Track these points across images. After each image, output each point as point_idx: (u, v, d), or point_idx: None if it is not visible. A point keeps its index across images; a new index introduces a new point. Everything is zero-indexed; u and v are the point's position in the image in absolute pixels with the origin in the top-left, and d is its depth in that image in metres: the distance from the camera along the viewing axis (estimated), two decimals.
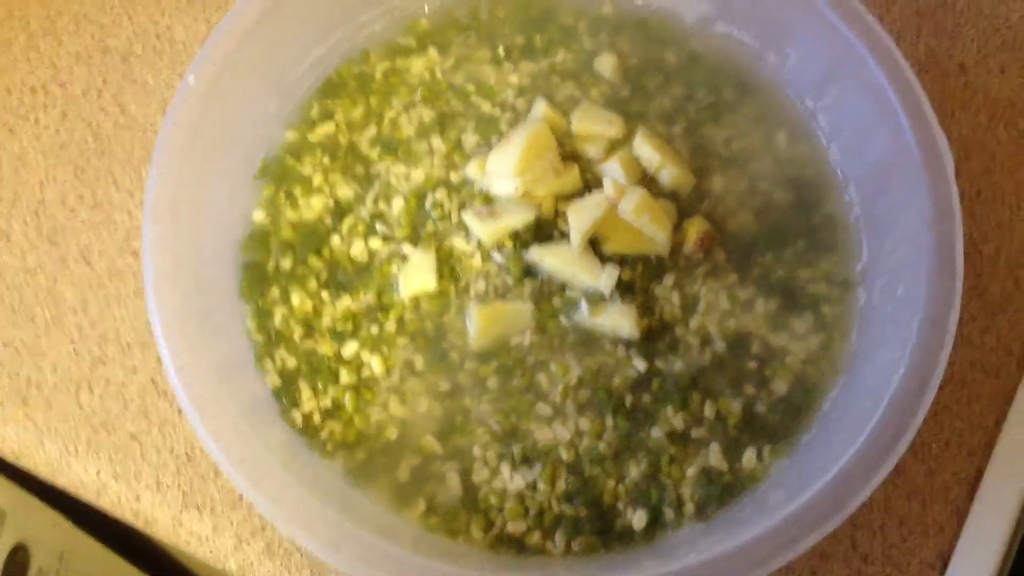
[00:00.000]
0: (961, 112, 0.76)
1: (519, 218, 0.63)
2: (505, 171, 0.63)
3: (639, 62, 0.70)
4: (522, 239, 0.63)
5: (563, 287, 0.63)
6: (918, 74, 0.70)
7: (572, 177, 0.64)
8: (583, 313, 0.62)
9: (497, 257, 0.64)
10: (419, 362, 0.62)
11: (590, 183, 0.65)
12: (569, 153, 0.66)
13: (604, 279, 0.62)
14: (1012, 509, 0.65)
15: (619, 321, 0.61)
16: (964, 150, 0.75)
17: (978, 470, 0.66)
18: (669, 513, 0.58)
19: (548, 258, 0.63)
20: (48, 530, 0.88)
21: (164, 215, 0.58)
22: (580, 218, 0.62)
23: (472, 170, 0.66)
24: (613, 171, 0.65)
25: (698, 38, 0.71)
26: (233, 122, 0.64)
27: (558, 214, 0.64)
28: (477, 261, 0.63)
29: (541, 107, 0.67)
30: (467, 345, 0.62)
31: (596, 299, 0.62)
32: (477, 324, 0.61)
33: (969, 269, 0.70)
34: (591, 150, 0.66)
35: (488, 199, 0.64)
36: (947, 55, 0.78)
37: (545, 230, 0.64)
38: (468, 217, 0.64)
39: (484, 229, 0.63)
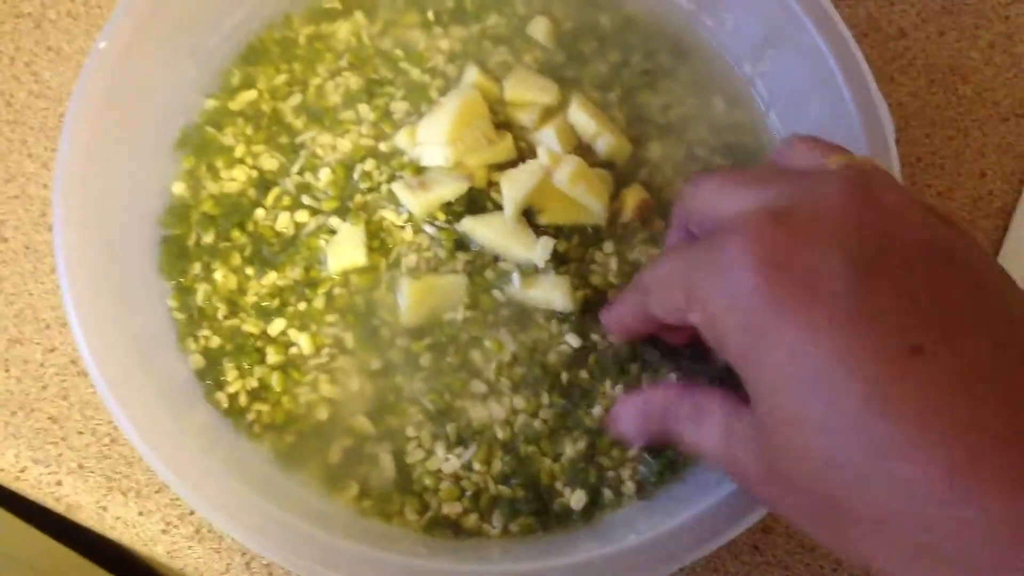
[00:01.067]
0: (901, 77, 0.76)
1: (450, 189, 0.61)
2: (436, 140, 0.61)
3: (574, 26, 0.68)
4: (454, 211, 0.61)
5: (497, 259, 0.61)
6: (858, 39, 0.69)
7: (505, 146, 0.62)
8: (516, 286, 0.60)
9: (429, 230, 0.61)
10: (349, 340, 0.60)
11: (524, 152, 0.63)
12: (502, 121, 0.64)
13: (538, 251, 0.60)
14: None
15: (553, 294, 0.60)
16: (904, 117, 0.74)
17: None
18: (608, 493, 0.57)
19: (481, 229, 0.61)
20: None
21: (76, 188, 0.55)
22: (513, 188, 0.60)
23: (402, 139, 0.63)
24: (548, 139, 0.63)
25: (633, 1, 0.69)
26: (149, 89, 0.61)
27: (491, 184, 0.62)
28: (408, 234, 0.61)
29: (473, 74, 0.65)
30: (398, 321, 0.60)
31: (530, 271, 0.61)
32: (408, 299, 0.59)
33: None
34: (525, 118, 0.64)
35: (419, 169, 0.62)
36: (887, 19, 0.77)
37: (478, 201, 0.61)
38: (398, 188, 0.61)
39: (414, 201, 0.60)
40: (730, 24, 0.66)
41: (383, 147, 0.64)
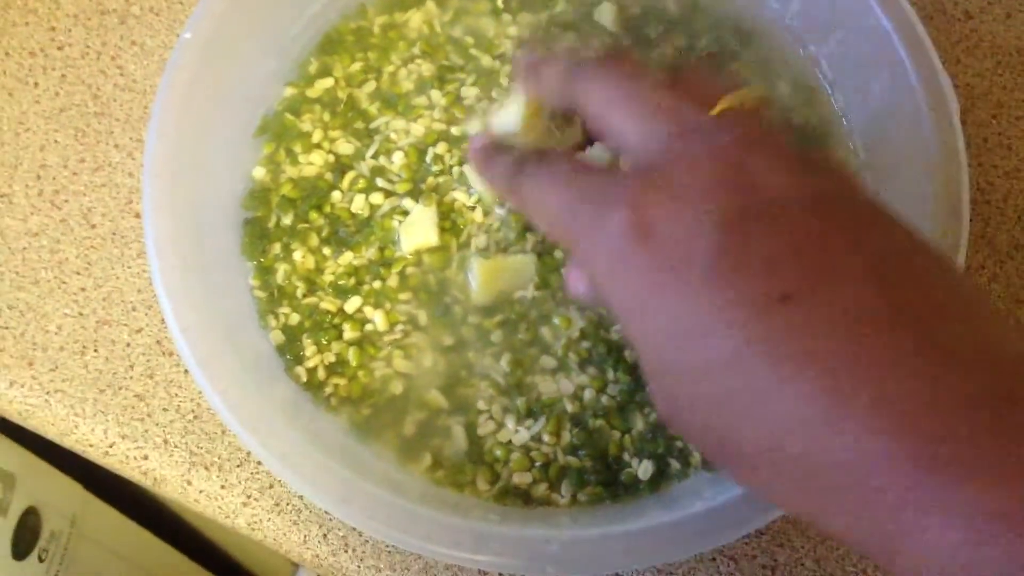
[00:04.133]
0: (967, 59, 0.76)
1: None
2: (507, 129, 0.62)
3: (640, 11, 0.69)
4: None
5: None
6: (923, 21, 0.69)
7: (574, 132, 0.64)
8: None
9: (499, 211, 0.63)
10: (422, 317, 0.62)
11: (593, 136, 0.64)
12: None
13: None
14: None
15: None
16: (970, 98, 0.74)
17: None
18: (675, 464, 0.58)
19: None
20: (59, 494, 0.88)
21: (163, 175, 0.58)
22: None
23: (474, 126, 0.65)
24: None
25: None
26: (231, 80, 0.63)
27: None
28: (479, 215, 0.63)
29: None
30: (469, 300, 0.62)
31: None
32: (479, 278, 0.61)
33: (976, 218, 0.70)
34: None
35: None
36: (952, 2, 0.77)
37: None
38: (469, 171, 0.63)
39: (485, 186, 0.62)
40: (795, 6, 0.67)
41: (455, 131, 0.66)
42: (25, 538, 0.81)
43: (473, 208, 0.63)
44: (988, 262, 0.70)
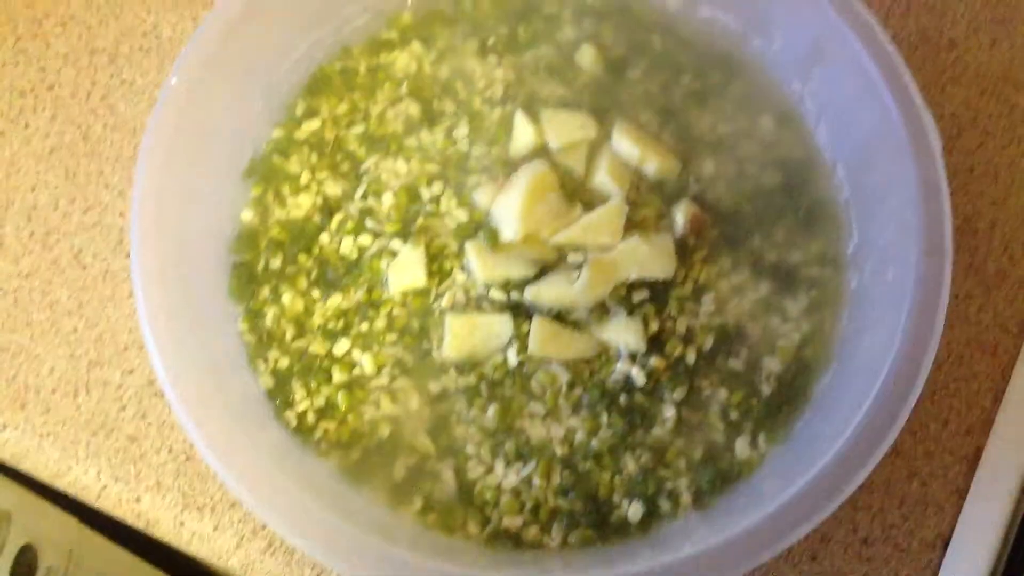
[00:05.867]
0: (952, 88, 0.76)
1: (518, 269, 0.63)
2: (508, 216, 0.63)
3: (623, 50, 0.70)
4: (516, 284, 0.63)
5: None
6: (908, 51, 0.70)
7: (574, 217, 0.64)
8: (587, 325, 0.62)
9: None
10: (409, 360, 0.62)
11: (587, 203, 0.65)
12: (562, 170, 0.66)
13: (632, 337, 0.61)
14: (1012, 487, 0.65)
15: (625, 335, 0.61)
16: (957, 126, 0.74)
17: (977, 448, 0.66)
18: (665, 504, 0.59)
19: (546, 292, 0.62)
20: (56, 530, 0.88)
21: (151, 218, 0.58)
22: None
23: (481, 196, 0.65)
24: (603, 184, 0.65)
25: (682, 22, 0.70)
26: (218, 122, 0.64)
27: (561, 254, 0.64)
28: (461, 274, 0.63)
29: (529, 133, 0.66)
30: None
31: (598, 310, 0.62)
32: (450, 334, 0.62)
33: (964, 246, 0.70)
34: (572, 162, 0.66)
35: (495, 237, 0.63)
36: (937, 30, 0.78)
37: (546, 268, 0.64)
38: (470, 248, 0.63)
39: (482, 267, 0.62)
40: (778, 43, 0.67)
41: (450, 171, 0.66)
42: (22, 575, 0.81)
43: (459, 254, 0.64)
44: (976, 291, 0.70)
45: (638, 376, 0.60)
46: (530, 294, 0.62)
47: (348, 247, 0.64)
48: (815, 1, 0.62)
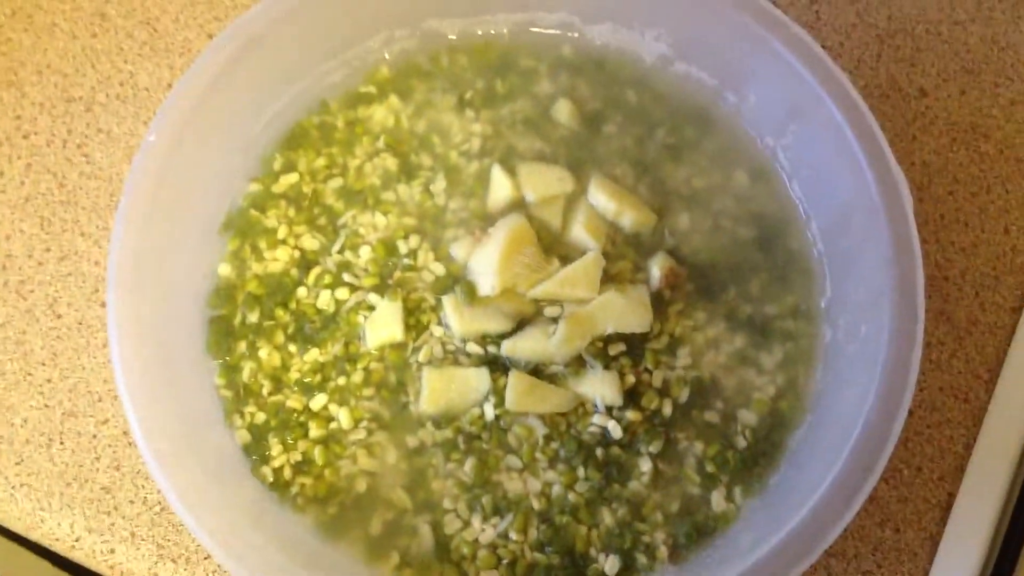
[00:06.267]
0: (923, 136, 0.77)
1: (495, 323, 0.63)
2: (485, 271, 0.63)
3: (599, 105, 0.70)
4: (493, 338, 0.63)
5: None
6: (879, 99, 0.71)
7: (552, 271, 0.64)
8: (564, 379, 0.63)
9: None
10: (386, 414, 0.62)
11: (563, 256, 0.65)
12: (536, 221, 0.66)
13: (608, 391, 0.62)
14: (984, 534, 0.65)
15: (602, 389, 0.62)
16: (926, 175, 0.76)
17: (949, 495, 0.67)
18: (642, 558, 0.59)
19: (523, 346, 0.63)
20: (29, 574, 0.87)
21: (128, 273, 0.58)
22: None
23: (459, 250, 0.65)
24: (580, 238, 0.65)
25: (657, 77, 0.71)
26: (196, 177, 0.64)
27: (539, 311, 0.64)
28: (439, 330, 0.64)
29: (506, 187, 0.67)
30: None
31: (575, 367, 0.63)
32: (427, 387, 0.62)
33: (935, 294, 0.71)
34: (549, 215, 0.66)
35: (472, 291, 0.63)
36: (907, 79, 0.79)
37: (523, 322, 0.64)
38: (447, 302, 0.63)
39: (459, 322, 0.63)
40: (752, 99, 0.68)
41: (427, 225, 0.66)
42: None
43: (436, 307, 0.64)
44: (947, 338, 0.71)
45: (615, 429, 0.61)
46: (507, 348, 0.62)
47: (325, 301, 0.64)
48: (788, 60, 0.63)
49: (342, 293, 0.64)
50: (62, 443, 0.67)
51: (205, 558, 0.65)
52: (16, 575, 0.84)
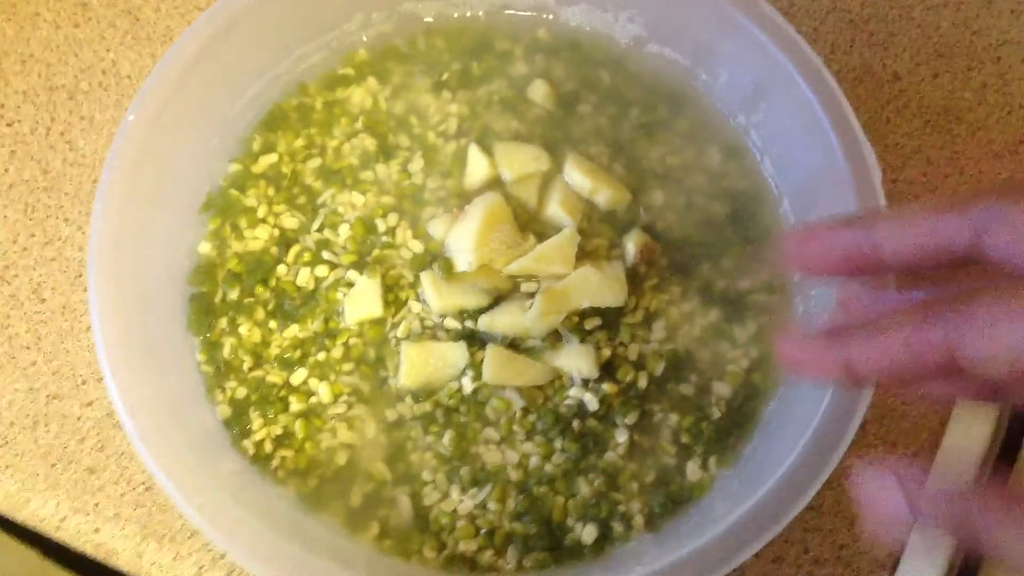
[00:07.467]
0: (896, 119, 0.78)
1: (473, 299, 0.64)
2: (463, 247, 0.64)
3: (574, 85, 0.71)
4: (471, 314, 0.64)
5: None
6: (853, 84, 0.72)
7: (528, 247, 0.65)
8: (540, 353, 0.64)
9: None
10: (365, 389, 0.63)
11: (540, 234, 0.66)
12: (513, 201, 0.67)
13: (585, 363, 0.62)
14: None
15: (579, 362, 0.62)
16: (900, 157, 0.76)
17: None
18: (618, 527, 0.60)
19: (500, 321, 0.64)
20: (15, 562, 0.88)
21: (109, 252, 0.59)
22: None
23: (436, 227, 0.66)
24: (556, 215, 0.66)
25: (631, 58, 0.72)
26: (176, 157, 0.64)
27: (516, 286, 0.65)
28: (417, 305, 0.65)
29: (484, 165, 0.68)
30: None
31: (551, 341, 0.64)
32: (407, 363, 0.63)
33: None
34: (525, 194, 0.67)
35: (450, 267, 0.64)
36: (881, 64, 0.80)
37: (500, 298, 0.65)
38: (425, 278, 0.64)
39: (437, 297, 0.63)
40: (724, 78, 0.69)
41: (405, 204, 0.67)
42: None
43: (414, 283, 0.65)
44: None
45: (591, 402, 0.62)
46: (484, 323, 0.63)
47: (305, 278, 0.65)
48: (758, 38, 0.64)
49: (321, 270, 0.65)
50: (47, 425, 0.68)
51: (189, 537, 0.65)
52: (3, 566, 0.85)
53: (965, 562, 0.66)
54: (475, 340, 0.63)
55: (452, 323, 0.63)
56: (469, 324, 0.63)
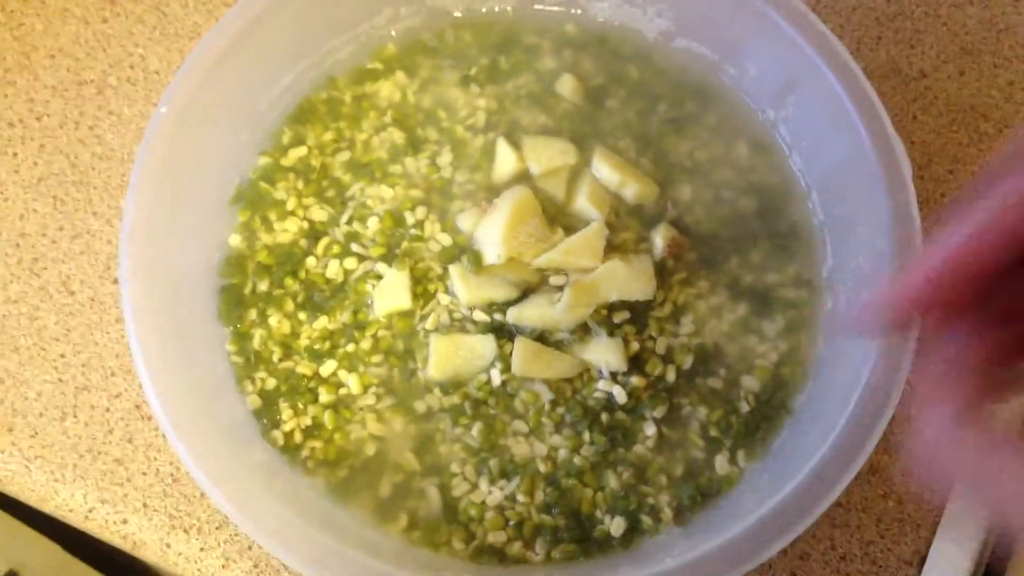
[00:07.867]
0: (923, 116, 0.78)
1: (501, 292, 0.64)
2: (492, 240, 0.64)
3: (602, 80, 0.72)
4: (500, 306, 0.64)
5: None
6: (879, 81, 0.71)
7: (557, 240, 0.65)
8: (569, 346, 0.64)
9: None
10: (394, 380, 0.63)
11: (568, 227, 0.66)
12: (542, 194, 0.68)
13: (613, 358, 0.63)
14: None
15: (607, 355, 0.63)
16: (927, 155, 0.76)
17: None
18: (647, 520, 0.60)
19: (529, 314, 0.64)
20: (39, 556, 0.88)
21: (141, 244, 0.59)
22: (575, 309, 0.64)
23: (465, 221, 0.67)
24: (584, 209, 0.66)
25: (659, 53, 0.72)
26: (206, 150, 0.65)
27: (544, 279, 0.65)
28: (445, 297, 0.65)
29: (511, 160, 0.68)
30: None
31: (580, 334, 0.64)
32: (435, 355, 0.63)
33: None
34: (553, 188, 0.68)
35: (479, 261, 0.64)
36: (907, 61, 0.80)
37: (529, 290, 0.65)
38: (454, 271, 0.65)
39: (466, 290, 0.64)
40: (752, 72, 0.70)
41: (433, 197, 0.68)
42: None
43: (443, 276, 0.65)
44: None
45: (619, 395, 0.62)
46: (513, 315, 0.63)
47: (334, 270, 0.65)
48: (787, 32, 0.64)
49: (350, 263, 0.65)
50: (76, 416, 0.68)
51: (216, 528, 0.65)
52: (27, 560, 0.85)
53: (992, 560, 0.66)
54: (503, 333, 0.63)
55: (481, 315, 0.63)
56: (498, 317, 0.64)
